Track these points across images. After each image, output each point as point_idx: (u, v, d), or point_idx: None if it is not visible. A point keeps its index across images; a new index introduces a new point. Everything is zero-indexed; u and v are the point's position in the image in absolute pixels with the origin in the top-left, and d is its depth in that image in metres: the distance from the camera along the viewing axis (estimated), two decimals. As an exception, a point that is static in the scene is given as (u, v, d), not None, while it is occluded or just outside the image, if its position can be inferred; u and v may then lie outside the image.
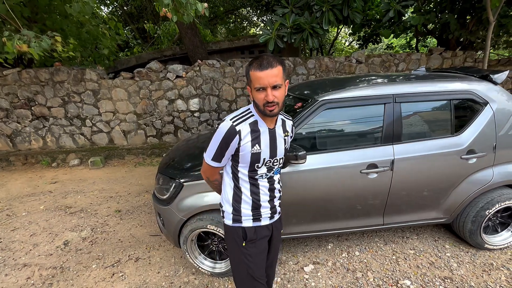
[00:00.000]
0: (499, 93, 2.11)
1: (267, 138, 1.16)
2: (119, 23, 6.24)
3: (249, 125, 1.13)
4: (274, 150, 1.18)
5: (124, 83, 4.72)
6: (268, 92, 1.03)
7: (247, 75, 1.08)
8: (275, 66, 1.02)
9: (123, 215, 3.13)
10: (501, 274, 2.02)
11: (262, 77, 1.01)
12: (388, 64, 5.26)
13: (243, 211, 1.22)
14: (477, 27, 5.48)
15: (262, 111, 1.09)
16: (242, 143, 1.11)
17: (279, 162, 1.23)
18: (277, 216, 1.32)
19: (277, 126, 1.20)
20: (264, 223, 1.26)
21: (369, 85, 2.09)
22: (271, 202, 1.26)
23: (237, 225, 1.23)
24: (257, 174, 1.19)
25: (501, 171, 2.11)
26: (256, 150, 1.13)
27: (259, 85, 1.03)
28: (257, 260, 1.25)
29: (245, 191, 1.21)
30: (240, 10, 11.69)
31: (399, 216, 2.17)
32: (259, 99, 1.05)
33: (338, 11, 4.38)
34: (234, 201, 1.23)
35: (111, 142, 5.03)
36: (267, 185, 1.22)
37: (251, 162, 1.15)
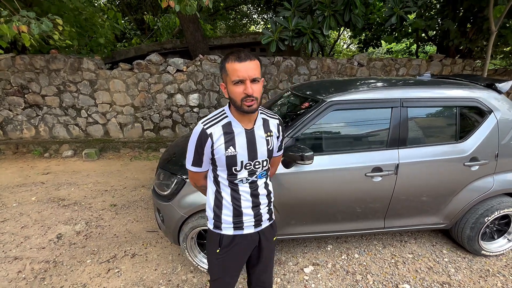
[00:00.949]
0: (503, 102, 2.13)
1: (244, 139, 1.09)
2: (118, 13, 6.10)
3: (222, 127, 1.07)
4: (253, 152, 1.11)
5: (122, 74, 4.61)
6: (247, 84, 0.97)
7: (223, 69, 1.01)
8: (253, 59, 0.98)
9: (118, 209, 3.06)
10: (497, 281, 2.05)
11: (240, 69, 0.95)
12: (389, 68, 5.29)
13: (224, 218, 1.17)
14: (477, 36, 5.57)
15: (239, 107, 1.01)
16: (215, 146, 1.06)
17: (262, 165, 1.15)
18: (265, 223, 1.25)
19: (256, 126, 1.12)
20: (248, 232, 1.19)
21: (376, 88, 2.09)
22: (255, 209, 1.19)
23: (216, 231, 1.19)
24: (236, 178, 1.13)
25: (501, 179, 2.13)
26: (230, 152, 1.07)
27: (237, 78, 0.96)
28: (229, 268, 1.22)
29: (226, 196, 1.16)
30: (240, 7, 11.60)
31: (400, 220, 2.18)
32: (237, 94, 0.99)
33: (340, 16, 4.37)
34: (215, 207, 1.18)
35: (106, 134, 4.92)
36: (248, 191, 1.16)
37: (227, 165, 1.09)
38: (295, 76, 5.12)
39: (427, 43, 8.11)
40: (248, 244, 1.21)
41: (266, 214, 1.24)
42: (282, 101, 2.67)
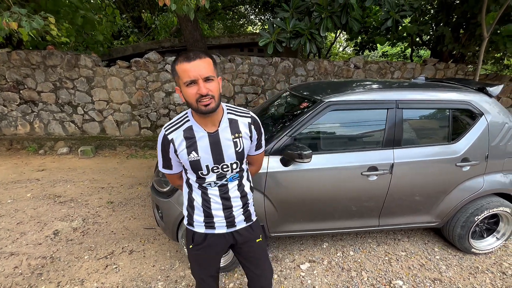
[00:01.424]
0: (493, 105, 2.21)
1: (207, 143, 1.05)
2: (116, 10, 6.08)
3: (183, 131, 1.05)
4: (219, 155, 1.06)
5: (120, 72, 4.60)
6: (200, 84, 0.91)
7: (174, 72, 0.95)
8: (204, 57, 0.93)
9: (115, 206, 3.06)
10: (486, 277, 2.12)
11: (190, 69, 0.90)
12: (384, 71, 5.39)
13: (195, 218, 1.19)
14: (469, 42, 5.71)
15: (196, 109, 0.96)
16: (178, 151, 1.06)
17: (231, 168, 1.11)
18: (241, 224, 1.22)
19: (221, 128, 1.06)
20: (220, 231, 1.19)
21: (373, 90, 2.15)
22: (227, 211, 1.17)
23: (190, 228, 1.22)
24: (205, 182, 1.11)
25: (491, 179, 2.21)
26: (193, 157, 1.05)
27: (188, 78, 0.91)
28: (203, 264, 1.25)
29: (197, 198, 1.16)
30: (238, 7, 11.63)
31: (394, 218, 2.24)
32: (191, 95, 0.93)
33: (337, 18, 4.45)
34: (188, 206, 1.21)
35: (103, 131, 4.89)
36: (217, 194, 1.14)
37: (192, 169, 1.08)
38: (292, 77, 5.18)
39: (421, 47, 8.27)
40: (221, 243, 1.22)
41: (240, 216, 1.21)
42: (281, 101, 2.72)
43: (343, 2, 3.96)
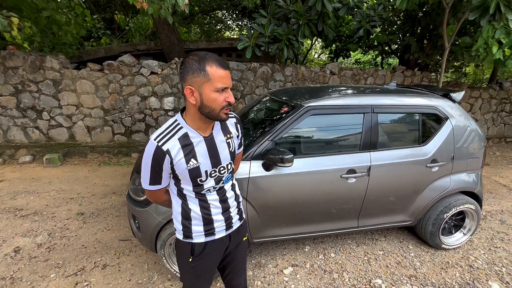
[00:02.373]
0: (457, 110, 2.40)
1: (204, 148, 1.03)
2: (86, 10, 5.77)
3: (179, 140, 0.99)
4: (216, 158, 1.06)
5: (91, 75, 4.35)
6: (230, 93, 0.94)
7: (203, 73, 0.89)
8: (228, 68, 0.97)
9: (86, 218, 2.85)
10: (456, 271, 2.26)
11: (226, 76, 0.92)
12: (358, 77, 5.64)
13: (194, 228, 1.12)
14: (432, 51, 6.18)
15: (215, 116, 0.96)
16: (175, 162, 0.98)
17: (227, 169, 1.11)
18: (236, 224, 1.22)
19: (214, 131, 1.07)
20: (219, 236, 1.16)
21: (350, 95, 2.23)
22: (226, 213, 1.16)
23: (187, 240, 1.14)
24: (203, 189, 1.07)
25: (457, 179, 2.38)
26: (192, 165, 1.01)
27: (224, 85, 0.92)
28: (203, 274, 1.20)
29: (194, 207, 1.10)
30: (215, 12, 11.62)
31: (372, 219, 2.32)
32: (219, 101, 0.93)
33: (314, 26, 4.60)
34: (183, 219, 1.12)
35: (72, 138, 4.58)
36: (217, 198, 1.12)
37: (191, 178, 1.03)
38: (271, 82, 5.24)
39: (390, 55, 8.80)
40: (219, 247, 1.20)
41: (236, 215, 1.22)
42: (261, 106, 2.72)
43: (320, 10, 4.10)
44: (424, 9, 5.86)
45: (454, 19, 4.84)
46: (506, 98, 6.71)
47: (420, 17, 6.07)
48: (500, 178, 4.50)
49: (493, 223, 3.05)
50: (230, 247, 1.23)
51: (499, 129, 6.96)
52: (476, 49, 4.08)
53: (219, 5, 10.24)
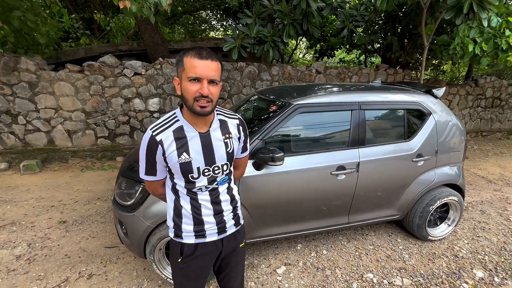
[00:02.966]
0: (439, 105, 2.48)
1: (198, 144, 1.01)
2: (63, 9, 5.52)
3: (173, 132, 0.99)
4: (210, 156, 1.03)
5: (70, 76, 4.17)
6: (204, 84, 0.91)
7: (180, 63, 0.93)
8: (215, 60, 0.93)
9: (69, 226, 2.72)
10: (442, 262, 2.33)
11: (200, 66, 0.89)
12: (343, 76, 5.74)
13: (184, 227, 1.09)
14: (413, 50, 6.39)
15: (190, 107, 0.94)
16: (167, 153, 0.98)
17: (222, 169, 1.08)
18: (231, 229, 1.18)
19: (212, 129, 1.04)
20: (211, 239, 1.12)
21: (337, 92, 2.25)
22: (218, 216, 1.12)
23: (177, 240, 1.12)
24: (195, 186, 1.05)
25: (440, 172, 2.46)
26: (184, 159, 0.99)
27: (194, 75, 0.90)
28: (192, 277, 1.16)
29: (185, 205, 1.08)
30: (199, 12, 11.48)
31: (362, 214, 2.35)
32: (190, 92, 0.91)
33: (298, 25, 4.64)
34: (175, 216, 1.11)
35: (51, 143, 4.36)
36: (208, 199, 1.08)
37: (182, 173, 1.01)
38: (258, 82, 5.23)
39: (373, 54, 9.03)
40: (211, 251, 1.15)
41: (231, 220, 1.17)
42: (249, 105, 2.70)
43: (304, 9, 4.14)
44: (404, 9, 6.05)
45: (432, 19, 5.03)
46: (481, 94, 7.05)
47: (400, 17, 6.27)
48: (478, 170, 4.72)
49: (474, 214, 3.18)
50: (224, 251, 1.18)
51: (476, 123, 7.30)
52: (453, 47, 4.25)
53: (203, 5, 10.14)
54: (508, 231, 2.82)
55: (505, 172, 4.63)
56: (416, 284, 2.07)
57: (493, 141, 7.02)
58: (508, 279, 2.14)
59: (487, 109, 7.25)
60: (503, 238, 2.69)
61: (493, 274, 2.19)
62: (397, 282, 2.08)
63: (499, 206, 3.39)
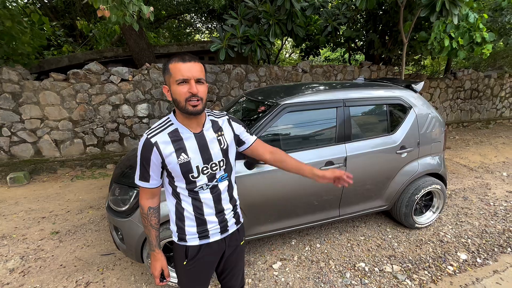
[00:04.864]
0: (418, 99, 2.61)
1: (194, 143, 1.06)
2: (44, 17, 5.41)
3: (168, 134, 1.03)
4: (207, 154, 1.08)
5: (55, 85, 4.10)
6: (192, 83, 0.96)
7: (166, 71, 0.99)
8: (198, 62, 0.99)
9: (62, 236, 2.70)
10: (429, 247, 2.46)
11: (185, 68, 0.95)
12: (329, 74, 5.88)
13: (188, 229, 1.12)
14: (394, 46, 6.61)
15: (183, 108, 0.98)
16: (164, 156, 1.02)
17: (219, 165, 1.11)
18: (232, 228, 1.22)
19: (205, 129, 1.09)
20: (214, 239, 1.16)
21: (322, 91, 2.34)
22: (220, 215, 1.15)
23: (181, 243, 1.14)
24: (196, 186, 1.08)
25: (423, 162, 2.59)
26: (183, 159, 1.03)
27: (181, 77, 0.95)
28: (198, 278, 1.19)
29: (187, 207, 1.11)
30: (183, 16, 11.45)
31: (352, 207, 2.45)
32: (181, 94, 0.96)
33: (283, 25, 4.74)
34: (177, 220, 1.13)
35: (38, 154, 4.28)
36: (210, 197, 1.11)
37: (183, 174, 1.05)
38: (245, 83, 5.29)
39: (356, 52, 9.26)
40: (215, 251, 1.19)
41: (232, 219, 1.21)
42: (238, 107, 2.76)
43: (288, 9, 4.23)
44: (383, 8, 6.25)
45: (411, 16, 5.23)
46: (460, 86, 7.36)
47: (381, 15, 6.47)
48: (460, 159, 4.94)
49: (457, 200, 3.35)
50: (227, 251, 1.22)
51: (457, 115, 7.61)
52: (431, 43, 4.45)
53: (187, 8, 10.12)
54: (488, 215, 2.99)
55: (485, 160, 4.87)
56: (405, 269, 2.18)
57: (473, 130, 7.34)
58: (489, 259, 2.28)
59: (466, 100, 7.57)
60: (484, 222, 2.85)
61: (476, 256, 2.33)
62: (387, 269, 2.18)
63: (480, 192, 3.58)
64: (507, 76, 7.94)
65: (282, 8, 4.32)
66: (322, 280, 2.07)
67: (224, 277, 1.32)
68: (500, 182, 3.88)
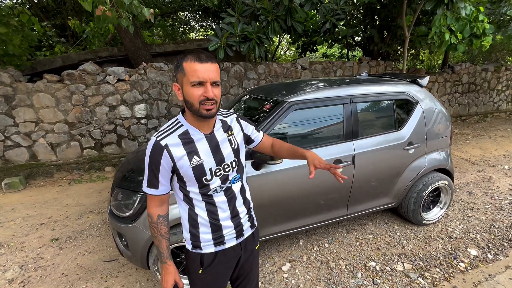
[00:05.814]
0: (424, 94, 2.56)
1: (206, 145, 1.01)
2: (34, 17, 5.25)
3: (178, 137, 0.98)
4: (219, 155, 1.03)
5: (49, 87, 3.98)
6: (208, 87, 0.90)
7: (179, 69, 0.92)
8: (214, 62, 0.93)
9: (62, 243, 2.61)
10: (438, 244, 2.43)
11: (201, 70, 0.89)
12: (328, 70, 5.82)
13: (203, 237, 1.07)
14: (392, 41, 6.57)
15: (196, 111, 0.93)
16: (176, 159, 0.96)
17: (232, 166, 1.07)
18: (248, 232, 1.17)
19: (215, 129, 1.05)
20: (230, 245, 1.11)
21: (329, 87, 2.27)
22: (235, 219, 1.10)
23: (196, 251, 1.08)
24: (209, 189, 1.03)
25: (430, 158, 2.55)
26: (196, 162, 0.98)
27: (197, 79, 0.89)
28: (214, 286, 1.14)
29: (201, 212, 1.05)
30: (177, 14, 11.28)
31: (360, 205, 2.40)
32: (195, 96, 0.91)
33: (282, 21, 4.66)
34: (191, 227, 1.07)
35: (33, 158, 4.16)
36: (224, 200, 1.07)
37: (196, 177, 0.99)
38: (244, 81, 5.21)
39: (354, 48, 9.22)
40: (231, 258, 1.14)
41: (247, 222, 1.17)
42: (241, 105, 2.69)
43: (287, 5, 4.15)
44: (382, 2, 6.20)
45: (410, 10, 5.19)
46: (458, 80, 7.36)
47: (379, 9, 6.42)
48: (461, 153, 4.94)
49: (462, 195, 3.33)
50: (243, 257, 1.17)
51: (455, 109, 7.63)
52: (431, 37, 4.41)
53: (181, 6, 9.95)
54: (494, 209, 2.98)
55: (485, 153, 4.87)
56: (416, 267, 2.15)
57: (472, 124, 7.36)
58: (499, 254, 2.26)
59: (464, 94, 7.58)
60: (490, 216, 2.83)
61: (486, 251, 2.30)
62: (399, 268, 2.14)
63: (483, 186, 3.57)
64: (503, 69, 7.97)
65: (281, 4, 4.24)
66: (333, 282, 2.03)
67: (239, 283, 1.26)
68: (503, 176, 3.87)
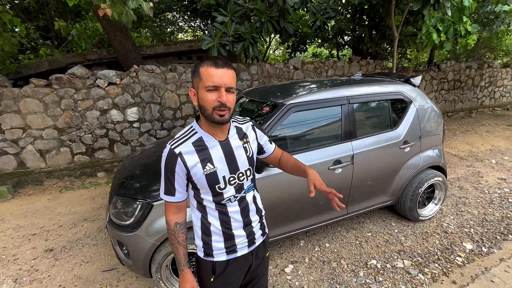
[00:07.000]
0: (417, 93, 2.63)
1: (220, 152, 1.00)
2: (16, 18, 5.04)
3: (192, 144, 0.98)
4: (234, 163, 1.03)
5: (37, 92, 3.84)
6: (222, 92, 0.91)
7: (196, 74, 0.94)
8: (231, 68, 0.95)
9: (57, 254, 2.53)
10: (435, 239, 2.49)
11: (217, 75, 0.90)
12: (320, 70, 5.88)
13: (215, 245, 1.07)
14: (381, 41, 6.70)
15: (209, 117, 0.94)
16: (189, 167, 0.97)
17: (246, 175, 1.06)
18: (259, 240, 1.17)
19: (230, 136, 1.05)
20: (242, 253, 1.11)
21: (325, 89, 2.29)
22: (247, 228, 1.10)
23: (208, 259, 1.08)
24: (223, 198, 1.03)
25: (425, 156, 2.62)
26: (209, 170, 0.98)
27: (212, 84, 0.90)
28: None
29: (214, 221, 1.05)
30: (165, 14, 11.12)
31: (359, 204, 2.44)
32: (209, 101, 0.91)
33: (276, 22, 4.67)
34: (203, 235, 1.07)
35: (21, 165, 4.01)
36: (238, 210, 1.06)
37: (209, 185, 0.99)
38: (238, 82, 5.19)
39: (344, 47, 9.35)
40: (242, 266, 1.14)
41: (259, 231, 1.16)
42: (237, 108, 2.67)
43: (281, 5, 4.17)
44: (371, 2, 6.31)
45: (398, 10, 5.30)
46: (444, 77, 7.59)
47: (368, 9, 6.53)
48: (450, 149, 5.09)
49: (454, 190, 3.43)
50: (254, 264, 1.16)
51: (441, 106, 7.86)
52: (420, 37, 4.52)
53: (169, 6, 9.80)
54: (485, 203, 3.09)
55: (472, 148, 5.04)
56: (416, 263, 2.20)
57: (458, 120, 7.61)
58: (493, 247, 2.34)
59: (449, 91, 7.82)
60: (482, 210, 2.93)
61: (480, 245, 2.38)
62: (399, 265, 2.19)
63: (473, 180, 3.69)
64: (486, 66, 8.27)
65: (275, 5, 4.25)
66: (336, 281, 2.05)
67: None
68: (491, 170, 4.02)
